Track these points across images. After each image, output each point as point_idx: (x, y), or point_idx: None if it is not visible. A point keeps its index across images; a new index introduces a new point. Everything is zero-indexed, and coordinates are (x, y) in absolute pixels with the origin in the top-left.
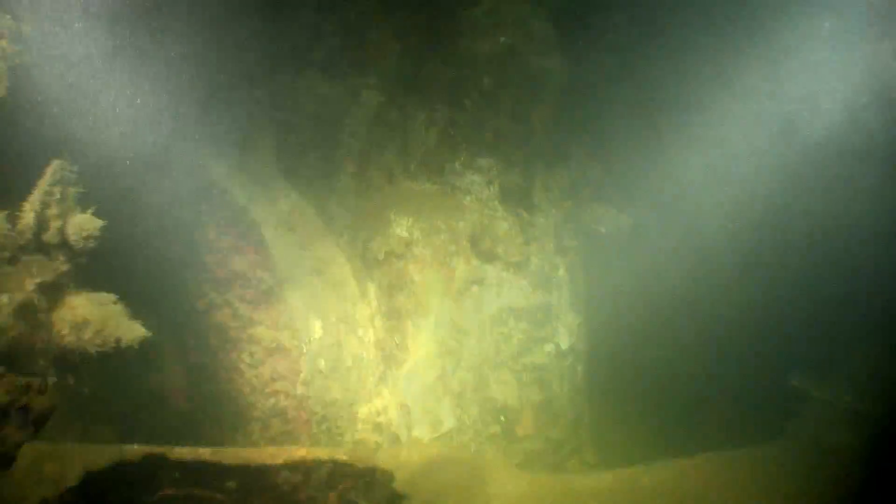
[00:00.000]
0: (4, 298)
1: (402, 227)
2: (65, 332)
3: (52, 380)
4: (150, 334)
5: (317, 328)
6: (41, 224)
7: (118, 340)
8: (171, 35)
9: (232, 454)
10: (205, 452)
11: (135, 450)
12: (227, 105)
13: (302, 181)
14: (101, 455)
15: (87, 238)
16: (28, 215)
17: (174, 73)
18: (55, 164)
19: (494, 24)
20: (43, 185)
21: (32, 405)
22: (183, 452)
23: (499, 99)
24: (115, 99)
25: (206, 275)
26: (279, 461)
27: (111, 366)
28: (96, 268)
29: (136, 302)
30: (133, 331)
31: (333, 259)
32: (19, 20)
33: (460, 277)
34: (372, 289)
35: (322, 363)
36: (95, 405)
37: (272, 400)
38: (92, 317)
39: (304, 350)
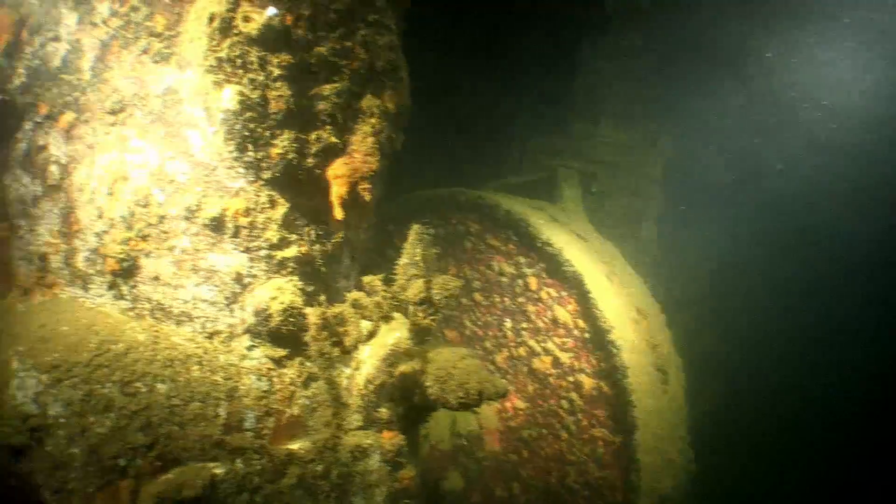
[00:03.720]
0: (366, 350)
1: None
2: (428, 383)
3: None
4: (511, 388)
5: (636, 375)
6: (407, 283)
7: (480, 393)
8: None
9: None
10: None
11: None
12: (533, 156)
13: (605, 230)
14: None
15: (448, 296)
16: (400, 277)
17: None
18: (415, 227)
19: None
20: (409, 247)
21: None
22: None
23: None
24: None
25: (527, 324)
26: None
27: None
28: None
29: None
30: (496, 385)
31: (649, 306)
32: None
33: None
34: (679, 334)
35: (642, 411)
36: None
37: (590, 446)
38: (455, 370)
39: (624, 397)
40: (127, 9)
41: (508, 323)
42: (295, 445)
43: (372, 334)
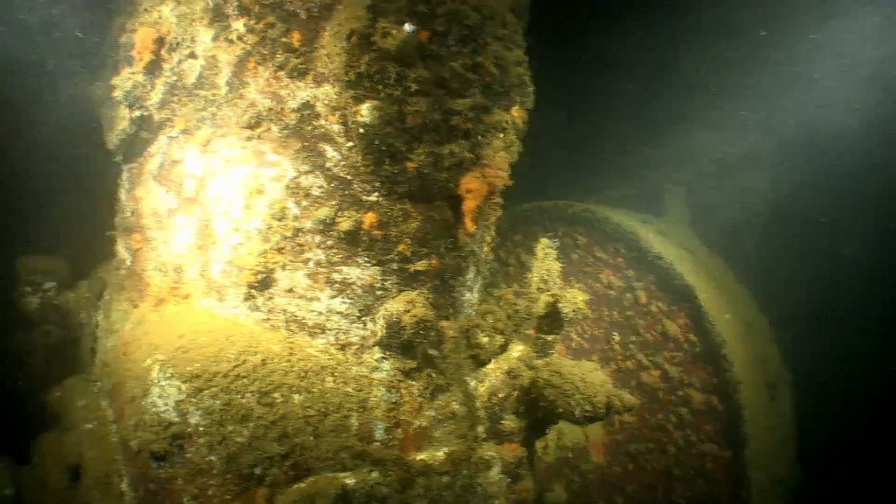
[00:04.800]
0: (491, 366)
1: None
2: (554, 395)
3: None
4: (639, 402)
5: (747, 390)
6: (537, 296)
7: (608, 407)
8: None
9: None
10: None
11: None
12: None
13: (711, 242)
14: None
15: (575, 310)
16: (531, 290)
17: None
18: (543, 241)
19: None
20: (537, 261)
21: None
22: None
23: None
24: None
25: (635, 337)
26: None
27: None
28: None
29: None
30: (623, 399)
31: (757, 320)
32: None
33: None
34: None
35: (753, 427)
36: None
37: (698, 462)
38: (582, 383)
39: (735, 413)
40: (263, 25)
41: (616, 336)
42: (422, 456)
43: (504, 347)
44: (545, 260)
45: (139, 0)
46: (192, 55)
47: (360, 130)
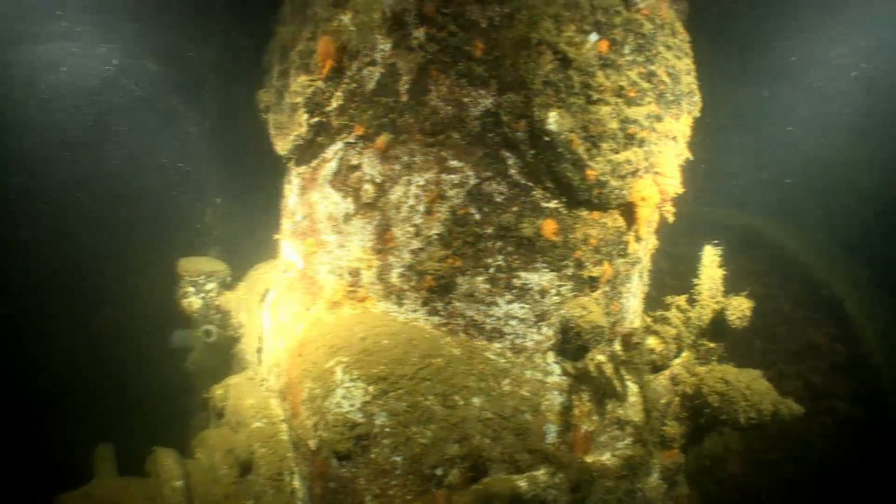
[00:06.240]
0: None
1: None
2: (718, 402)
3: None
4: (802, 411)
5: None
6: (707, 304)
7: (774, 415)
8: None
9: None
10: None
11: None
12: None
13: (853, 249)
14: None
15: (741, 318)
16: (704, 298)
17: None
18: (708, 248)
19: None
20: (706, 269)
21: None
22: None
23: None
24: None
25: (774, 346)
26: None
27: None
28: None
29: None
30: (790, 406)
31: None
32: None
33: None
34: None
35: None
36: None
37: (842, 473)
38: (748, 390)
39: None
40: (444, 34)
41: (757, 344)
42: (591, 460)
43: (678, 353)
44: (711, 267)
45: (314, 10)
46: (372, 63)
47: (546, 138)
